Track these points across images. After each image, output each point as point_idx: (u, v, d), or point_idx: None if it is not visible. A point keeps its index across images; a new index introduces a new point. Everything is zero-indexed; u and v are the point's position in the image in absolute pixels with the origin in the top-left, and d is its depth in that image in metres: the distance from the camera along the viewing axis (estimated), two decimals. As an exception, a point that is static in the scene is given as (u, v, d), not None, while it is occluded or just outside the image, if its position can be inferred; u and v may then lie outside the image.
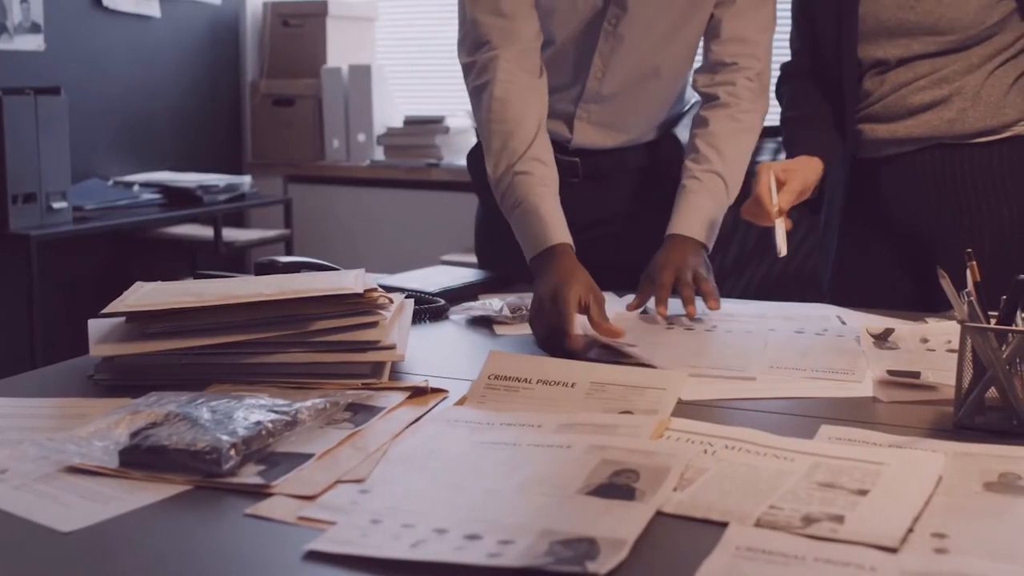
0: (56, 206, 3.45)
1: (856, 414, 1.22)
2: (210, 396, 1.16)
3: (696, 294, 1.62)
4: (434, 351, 1.51)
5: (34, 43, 3.75)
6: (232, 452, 1.00)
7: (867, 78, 1.81)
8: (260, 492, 0.97)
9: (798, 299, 1.83)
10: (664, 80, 1.86)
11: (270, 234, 4.32)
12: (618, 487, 0.95)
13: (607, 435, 1.09)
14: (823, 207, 1.88)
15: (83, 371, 1.35)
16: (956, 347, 1.19)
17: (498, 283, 1.89)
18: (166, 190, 3.93)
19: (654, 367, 1.37)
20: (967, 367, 1.17)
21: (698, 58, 1.89)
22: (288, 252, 4.29)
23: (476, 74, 1.74)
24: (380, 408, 1.19)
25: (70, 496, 0.96)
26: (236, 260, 4.39)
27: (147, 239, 4.12)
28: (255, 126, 4.67)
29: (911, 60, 1.76)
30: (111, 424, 1.09)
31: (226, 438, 1.01)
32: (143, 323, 1.30)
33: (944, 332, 1.47)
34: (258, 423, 1.06)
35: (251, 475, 1.00)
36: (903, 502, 0.93)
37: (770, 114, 1.84)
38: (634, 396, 1.24)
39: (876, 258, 1.89)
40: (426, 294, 1.73)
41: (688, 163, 1.76)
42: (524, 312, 1.65)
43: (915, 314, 1.66)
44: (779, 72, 1.95)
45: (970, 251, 1.23)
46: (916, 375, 1.32)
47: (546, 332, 1.50)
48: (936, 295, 1.39)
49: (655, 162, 1.72)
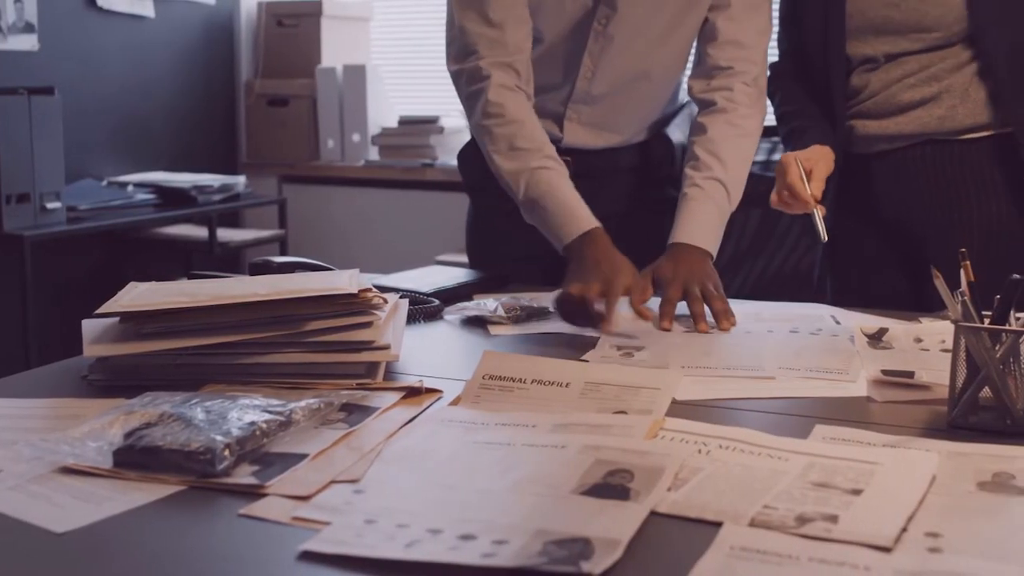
0: (50, 206, 3.44)
1: (850, 414, 1.22)
2: (204, 396, 1.16)
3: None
4: (428, 351, 1.51)
5: (28, 43, 3.74)
6: (226, 452, 1.00)
7: (856, 75, 1.82)
8: (254, 492, 0.97)
9: (792, 299, 1.83)
10: (655, 82, 1.86)
11: (265, 234, 4.32)
12: (612, 487, 0.95)
13: (601, 435, 1.09)
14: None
15: (77, 371, 1.35)
16: (950, 347, 1.19)
17: (493, 283, 1.89)
18: (160, 190, 3.93)
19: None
20: (961, 367, 1.17)
21: (690, 61, 1.89)
22: (283, 252, 4.28)
23: (467, 82, 1.76)
24: (374, 408, 1.19)
25: (64, 497, 0.96)
26: (231, 260, 4.39)
27: (141, 239, 4.11)
28: (249, 126, 4.67)
29: (899, 56, 1.76)
30: (105, 424, 1.09)
31: (220, 438, 1.01)
32: (137, 323, 1.30)
33: (938, 332, 1.48)
34: (252, 423, 1.06)
35: (245, 475, 1.00)
36: (897, 502, 0.93)
37: (768, 114, 1.84)
38: (628, 396, 1.25)
39: (868, 253, 1.90)
40: (421, 294, 1.73)
41: (688, 170, 1.76)
42: (519, 312, 1.65)
43: (909, 314, 1.66)
44: (768, 73, 1.96)
45: (964, 251, 1.23)
46: (910, 375, 1.32)
47: (579, 312, 1.54)
48: (928, 290, 1.39)
49: (647, 162, 1.73)
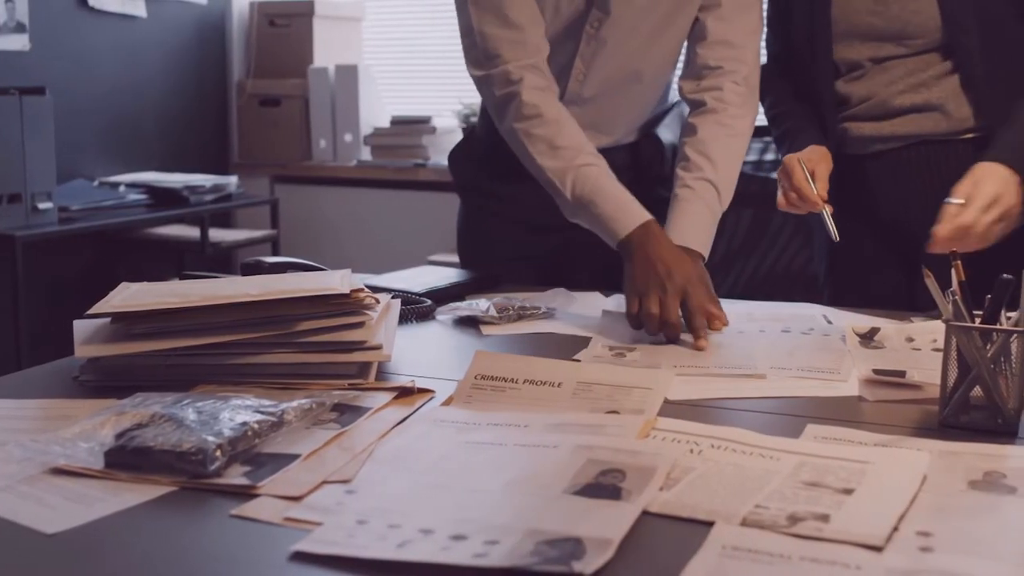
0: (41, 206, 3.44)
1: (842, 413, 1.23)
2: (196, 397, 1.15)
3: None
4: (421, 351, 1.51)
5: (19, 43, 3.73)
6: (218, 453, 1.00)
7: (843, 83, 1.82)
8: (246, 493, 0.97)
9: (784, 298, 1.83)
10: (646, 83, 1.86)
11: (257, 234, 4.32)
12: (604, 487, 0.95)
13: (593, 435, 1.09)
14: None
15: (68, 372, 1.35)
16: (941, 346, 1.19)
17: (485, 283, 1.89)
18: (152, 190, 3.93)
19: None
20: (952, 366, 1.17)
21: (681, 62, 1.89)
22: (275, 252, 4.28)
23: (496, 86, 1.72)
24: (366, 408, 1.19)
25: (55, 498, 0.96)
26: (223, 261, 4.38)
27: (133, 240, 4.11)
28: (241, 126, 4.67)
29: (885, 60, 1.77)
30: (96, 425, 1.09)
31: (212, 439, 1.01)
32: (129, 324, 1.29)
33: (929, 331, 1.48)
34: (244, 424, 1.06)
35: (237, 476, 1.00)
36: (888, 501, 0.93)
37: (758, 115, 1.84)
38: (620, 396, 1.25)
39: (867, 253, 1.90)
40: (413, 294, 1.73)
41: (679, 171, 1.76)
42: (511, 312, 1.66)
43: (901, 313, 1.66)
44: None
45: (955, 250, 1.23)
46: (901, 374, 1.32)
47: (646, 319, 1.53)
48: (922, 289, 1.40)
49: (637, 163, 1.72)
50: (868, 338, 1.50)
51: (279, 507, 0.94)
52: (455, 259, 2.13)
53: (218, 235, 4.13)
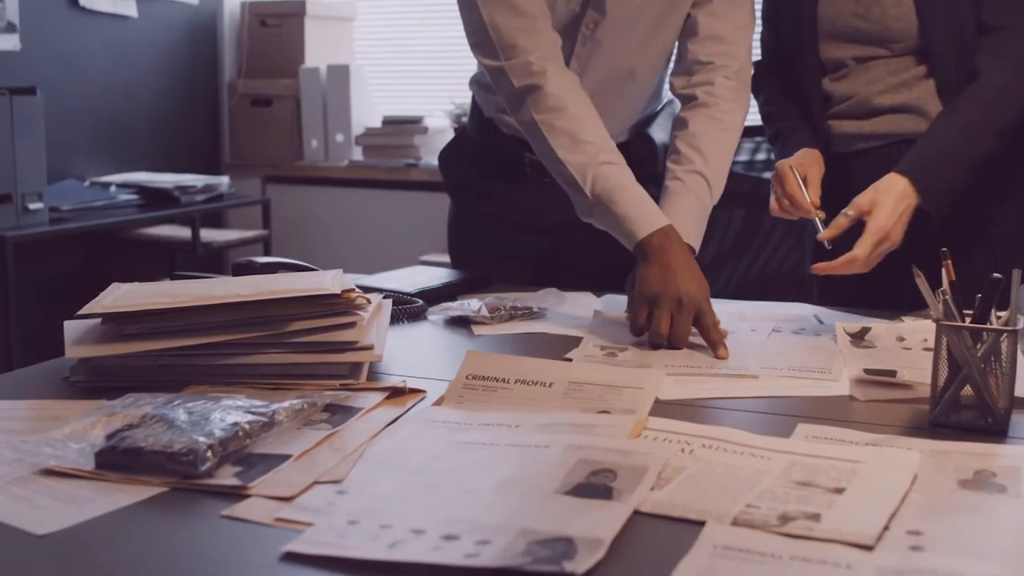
0: (32, 207, 3.43)
1: (833, 413, 1.23)
2: (187, 397, 1.15)
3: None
4: (412, 351, 1.51)
5: (9, 43, 3.72)
6: (209, 453, 1.00)
7: (828, 81, 1.83)
8: (237, 493, 0.97)
9: (776, 298, 1.83)
10: (639, 82, 1.86)
11: (248, 235, 4.31)
12: (596, 487, 0.95)
13: (585, 435, 1.09)
14: None
15: (59, 373, 1.34)
16: (932, 346, 1.19)
17: (477, 283, 1.89)
18: (143, 191, 3.92)
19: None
20: (942, 365, 1.18)
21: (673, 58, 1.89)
22: (266, 253, 4.28)
23: (517, 77, 1.69)
24: (358, 409, 1.19)
25: (45, 499, 0.96)
26: (214, 261, 4.38)
27: (124, 240, 4.10)
28: (233, 126, 4.66)
29: (868, 60, 1.78)
30: (87, 426, 1.09)
31: (203, 439, 1.01)
32: (120, 324, 1.29)
33: (920, 331, 1.48)
34: (235, 424, 1.06)
35: (228, 476, 0.99)
36: (879, 500, 0.93)
37: (751, 113, 1.84)
38: (612, 395, 1.25)
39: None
40: (404, 294, 1.73)
41: (670, 164, 1.76)
42: (502, 312, 1.66)
43: (892, 313, 1.66)
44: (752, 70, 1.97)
45: (945, 250, 1.23)
46: (892, 374, 1.32)
47: (653, 335, 1.52)
48: (909, 290, 1.40)
49: (629, 162, 1.72)
50: (859, 338, 1.51)
51: (270, 507, 0.94)
52: (447, 259, 2.13)
53: (209, 235, 4.13)
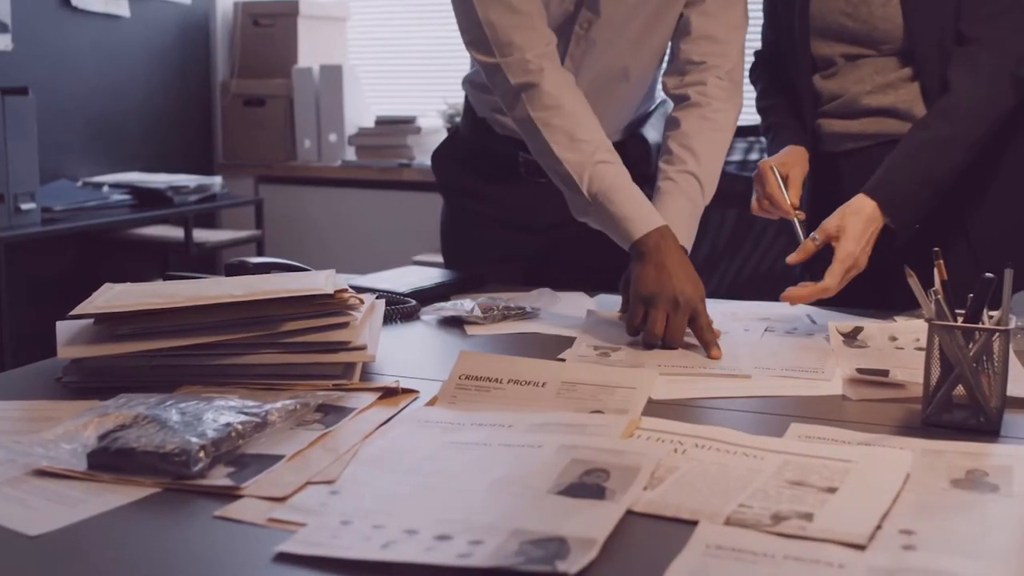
0: (24, 207, 3.42)
1: (825, 412, 1.23)
2: (180, 398, 1.15)
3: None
4: (405, 351, 1.50)
5: (2, 43, 3.71)
6: (201, 454, 1.00)
7: (819, 75, 1.83)
8: (230, 494, 0.96)
9: (769, 298, 1.83)
10: (633, 82, 1.86)
11: (241, 235, 4.31)
12: (588, 486, 0.96)
13: (578, 434, 1.09)
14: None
15: (51, 373, 1.34)
16: (924, 345, 1.20)
17: (470, 283, 1.89)
18: (136, 191, 3.91)
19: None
20: (935, 365, 1.18)
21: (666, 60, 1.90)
22: (259, 253, 4.27)
23: (513, 74, 1.68)
24: (351, 409, 1.19)
25: (37, 499, 0.96)
26: (207, 261, 4.37)
27: (117, 240, 4.09)
28: (226, 126, 4.66)
29: (857, 59, 1.78)
30: (79, 427, 1.09)
31: (195, 440, 1.01)
32: (112, 325, 1.29)
33: (912, 330, 1.49)
34: (228, 425, 1.05)
35: (221, 477, 0.99)
36: (871, 499, 0.94)
37: (744, 113, 1.84)
38: (604, 395, 1.25)
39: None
40: (397, 294, 1.73)
41: (662, 164, 1.76)
42: (495, 312, 1.66)
43: (884, 312, 1.67)
44: (752, 59, 2.01)
45: (937, 250, 1.24)
46: (885, 373, 1.33)
47: (648, 335, 1.52)
48: (898, 293, 1.41)
49: (623, 162, 1.72)
50: (851, 337, 1.51)
51: (263, 508, 0.94)
52: (440, 259, 2.13)
53: (202, 235, 4.12)
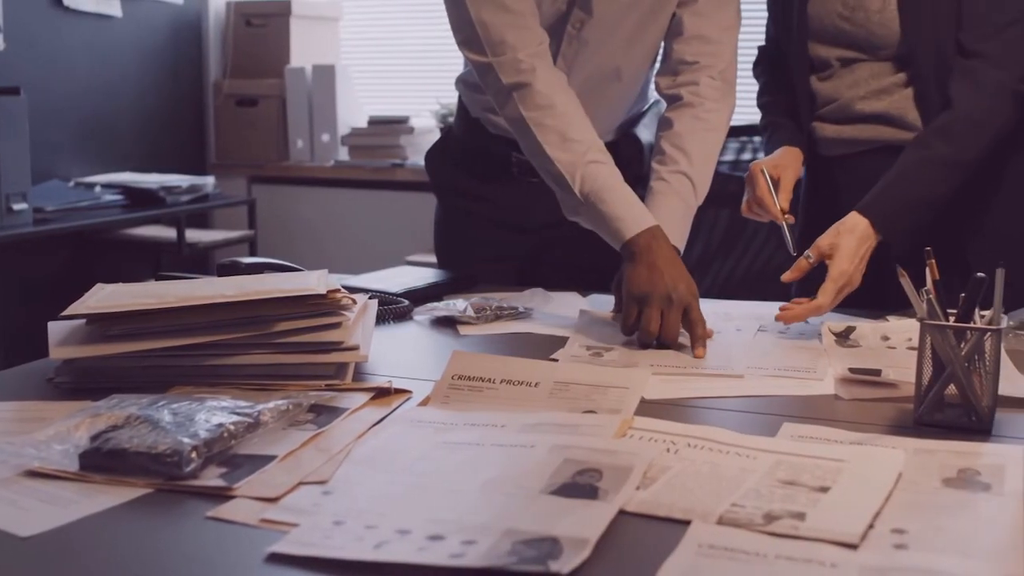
0: (16, 207, 3.41)
1: (818, 412, 1.23)
2: (172, 398, 1.15)
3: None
4: (398, 352, 1.50)
5: (-7, 43, 3.71)
6: (193, 454, 1.00)
7: (816, 77, 1.83)
8: (222, 494, 0.96)
9: (762, 298, 1.83)
10: (625, 81, 1.86)
11: (234, 235, 4.30)
12: (581, 486, 0.96)
13: (570, 434, 1.09)
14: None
15: (43, 374, 1.34)
16: (916, 345, 1.20)
17: (462, 283, 1.89)
18: (128, 191, 3.90)
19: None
20: (927, 364, 1.18)
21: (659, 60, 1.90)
22: (252, 253, 4.26)
23: (505, 74, 1.68)
24: (343, 409, 1.19)
25: (29, 500, 0.95)
26: (200, 261, 4.36)
27: (109, 240, 4.08)
28: (218, 126, 4.65)
29: (853, 63, 1.78)
30: (71, 427, 1.09)
31: (187, 440, 1.01)
32: (104, 325, 1.29)
33: (905, 330, 1.49)
34: (220, 425, 1.05)
35: (213, 477, 0.99)
36: (863, 499, 0.94)
37: (736, 113, 1.84)
38: (597, 395, 1.25)
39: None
40: (390, 295, 1.73)
41: (655, 165, 1.76)
42: (488, 312, 1.66)
43: (876, 312, 1.67)
44: (756, 54, 2.02)
45: (929, 249, 1.24)
46: (877, 373, 1.33)
47: (644, 334, 1.52)
48: (891, 292, 1.41)
49: (616, 162, 1.72)
50: (844, 337, 1.51)
51: (255, 508, 0.94)
52: (433, 259, 2.13)
53: (195, 236, 4.11)
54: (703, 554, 0.84)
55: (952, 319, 1.19)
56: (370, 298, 1.52)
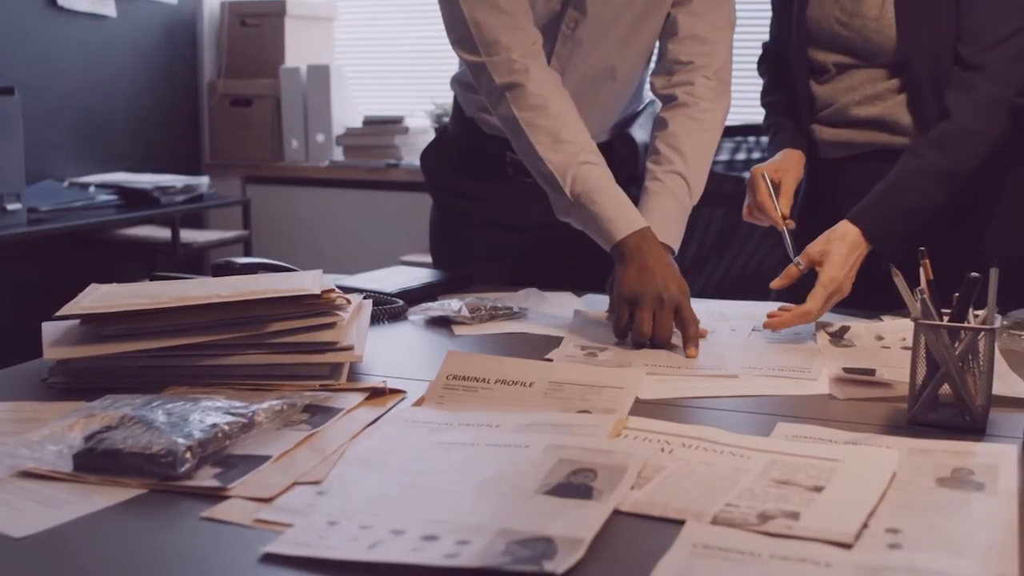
0: (10, 207, 3.40)
1: (812, 411, 1.23)
2: (166, 399, 1.15)
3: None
4: (392, 352, 1.50)
5: (-13, 43, 3.70)
6: (188, 455, 1.00)
7: (815, 80, 1.84)
8: (216, 495, 0.96)
9: (756, 298, 1.84)
10: (620, 81, 1.86)
11: (229, 235, 4.29)
12: (575, 486, 0.96)
13: (565, 434, 1.09)
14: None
15: (37, 374, 1.34)
16: (911, 344, 1.20)
17: (457, 284, 1.89)
18: (122, 191, 3.90)
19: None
20: (921, 364, 1.18)
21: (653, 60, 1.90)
22: (247, 253, 4.26)
23: (499, 74, 1.68)
24: (338, 409, 1.19)
25: (23, 501, 0.95)
26: (194, 262, 4.36)
27: (103, 241, 4.08)
28: (213, 126, 4.64)
29: (849, 68, 1.78)
30: (65, 428, 1.08)
31: (182, 441, 1.01)
32: (98, 325, 1.29)
33: (899, 330, 1.49)
34: (214, 425, 1.05)
35: (207, 478, 0.99)
36: (858, 498, 0.94)
37: (731, 113, 1.85)
38: (592, 395, 1.25)
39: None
40: (385, 295, 1.73)
41: (650, 165, 1.76)
42: (483, 312, 1.66)
43: (871, 312, 1.67)
44: (760, 50, 2.03)
45: (923, 249, 1.24)
46: (871, 372, 1.33)
47: (636, 336, 1.52)
48: (886, 295, 1.41)
49: (611, 162, 1.72)
50: (838, 336, 1.51)
51: (250, 509, 0.93)
52: (428, 259, 2.13)
53: (189, 236, 4.11)
54: (697, 554, 0.85)
55: (946, 319, 1.19)
56: (365, 298, 1.52)
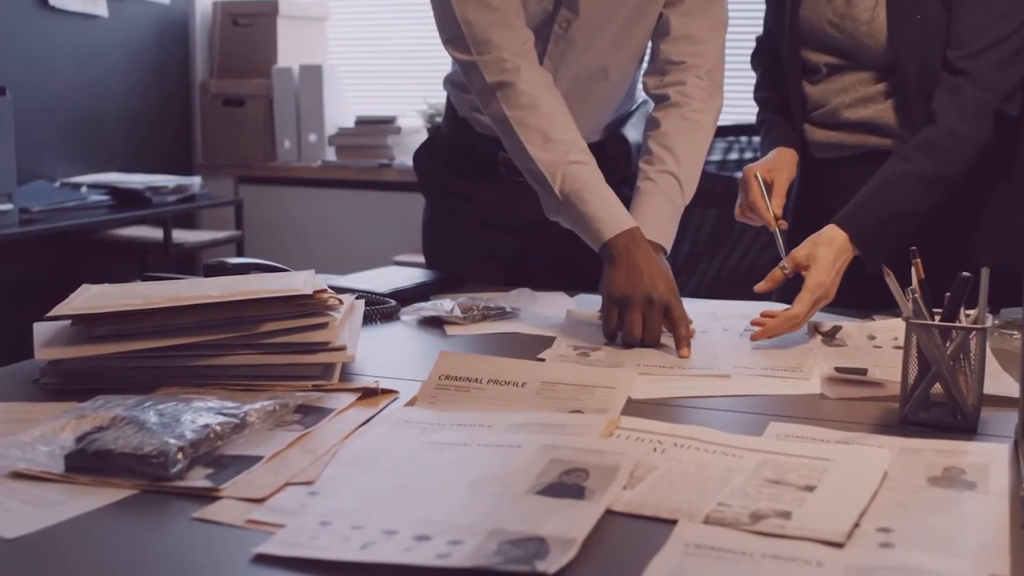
0: (2, 208, 3.40)
1: (804, 411, 1.23)
2: (158, 399, 1.15)
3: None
4: (385, 352, 1.50)
5: (-22, 43, 3.69)
6: (179, 455, 0.99)
7: (807, 80, 1.84)
8: (208, 495, 0.96)
9: (748, 298, 1.84)
10: (612, 81, 1.86)
11: (221, 235, 4.29)
12: (568, 486, 0.96)
13: (557, 434, 1.09)
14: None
15: (28, 375, 1.33)
16: (902, 344, 1.20)
17: (450, 284, 1.89)
18: (114, 191, 3.89)
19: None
20: (912, 363, 1.19)
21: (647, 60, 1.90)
22: (239, 253, 4.26)
23: (489, 72, 1.68)
24: (330, 410, 1.19)
25: (14, 502, 0.95)
26: (186, 262, 4.35)
27: (95, 241, 4.07)
28: (205, 126, 4.64)
29: (842, 70, 1.78)
30: (56, 428, 1.08)
31: (173, 441, 1.01)
32: (89, 326, 1.28)
33: (891, 329, 1.49)
34: (206, 426, 1.05)
35: (199, 478, 0.99)
36: (849, 498, 0.94)
37: (723, 113, 1.85)
38: (584, 395, 1.25)
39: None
40: (377, 295, 1.73)
41: (642, 165, 1.76)
42: (475, 312, 1.65)
43: (863, 311, 1.67)
44: (754, 45, 2.02)
45: (914, 248, 1.24)
46: (863, 372, 1.33)
47: (627, 337, 1.52)
48: (878, 295, 1.41)
49: (603, 162, 1.72)
50: (830, 336, 1.52)
51: (242, 509, 0.93)
52: (421, 259, 2.13)
53: (182, 236, 4.10)
54: (689, 553, 0.85)
55: (938, 318, 1.19)
56: (357, 298, 1.52)
